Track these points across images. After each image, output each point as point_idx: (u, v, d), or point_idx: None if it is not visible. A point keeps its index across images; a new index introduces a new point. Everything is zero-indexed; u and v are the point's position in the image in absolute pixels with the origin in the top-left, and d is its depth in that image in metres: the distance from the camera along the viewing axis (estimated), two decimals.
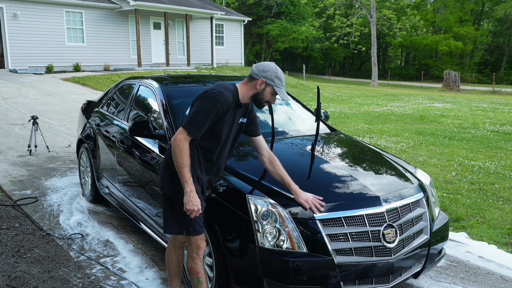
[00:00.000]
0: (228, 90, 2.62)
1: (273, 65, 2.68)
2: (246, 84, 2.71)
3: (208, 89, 2.62)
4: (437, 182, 6.24)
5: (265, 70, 2.64)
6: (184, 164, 2.57)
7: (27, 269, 3.64)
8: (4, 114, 10.57)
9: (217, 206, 2.93)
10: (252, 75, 2.68)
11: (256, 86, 2.67)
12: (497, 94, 26.30)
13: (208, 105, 2.55)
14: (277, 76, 2.65)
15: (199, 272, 2.81)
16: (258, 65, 2.68)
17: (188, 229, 2.73)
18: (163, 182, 2.77)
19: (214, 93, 2.57)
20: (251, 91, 2.69)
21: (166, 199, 2.80)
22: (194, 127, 2.55)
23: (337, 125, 11.47)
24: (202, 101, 2.57)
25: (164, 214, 2.83)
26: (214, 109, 2.55)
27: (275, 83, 2.65)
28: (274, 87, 2.66)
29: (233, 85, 2.69)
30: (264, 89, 2.67)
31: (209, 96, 2.56)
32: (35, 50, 17.59)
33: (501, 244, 4.29)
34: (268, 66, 2.66)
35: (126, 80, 5.07)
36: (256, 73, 2.66)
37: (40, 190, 5.69)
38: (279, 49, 47.91)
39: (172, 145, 2.59)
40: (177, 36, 23.04)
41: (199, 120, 2.55)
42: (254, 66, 2.69)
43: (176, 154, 2.58)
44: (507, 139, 9.73)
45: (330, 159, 3.46)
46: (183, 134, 2.56)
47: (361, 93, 25.00)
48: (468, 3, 47.00)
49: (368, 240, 2.76)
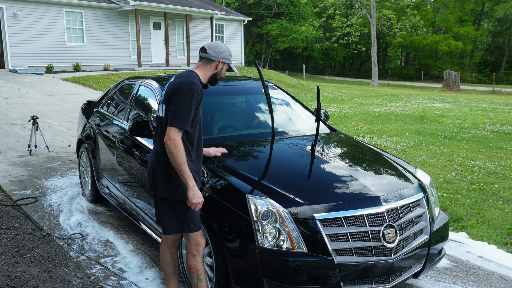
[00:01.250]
0: (194, 77, 2.74)
1: (223, 44, 2.88)
2: (204, 67, 2.85)
3: (178, 83, 2.70)
4: (437, 182, 6.24)
5: (222, 51, 2.84)
6: (183, 161, 2.63)
7: (27, 269, 3.64)
8: (4, 114, 10.57)
9: (217, 206, 2.93)
10: (210, 58, 2.83)
11: (216, 67, 2.85)
12: (497, 94, 26.30)
13: (186, 97, 2.64)
14: (230, 54, 2.91)
15: (199, 269, 2.83)
16: (213, 47, 2.83)
17: (189, 225, 2.77)
18: (158, 185, 2.79)
19: (187, 84, 2.67)
20: (210, 73, 2.87)
21: (164, 202, 2.82)
22: (182, 121, 2.62)
23: (337, 125, 11.47)
24: (180, 96, 2.65)
25: (163, 216, 2.85)
26: (193, 99, 2.66)
27: (230, 61, 2.91)
28: (230, 65, 2.91)
29: (193, 72, 2.81)
30: (221, 68, 2.88)
31: (185, 89, 2.65)
32: (35, 50, 17.59)
33: (501, 244, 4.29)
34: (222, 46, 2.86)
35: (126, 80, 5.07)
36: (214, 55, 2.82)
37: (40, 190, 5.69)
38: (279, 49, 47.92)
39: (168, 146, 2.62)
40: (177, 36, 23.04)
41: (184, 113, 2.63)
42: (208, 49, 2.82)
43: (173, 153, 2.61)
44: (507, 139, 9.73)
45: (330, 159, 3.46)
46: (175, 132, 2.62)
47: (361, 93, 25.00)
48: (468, 3, 47.00)
49: (368, 240, 2.76)
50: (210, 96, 4.09)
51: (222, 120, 4.09)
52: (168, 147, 2.62)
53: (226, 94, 4.38)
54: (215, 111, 4.08)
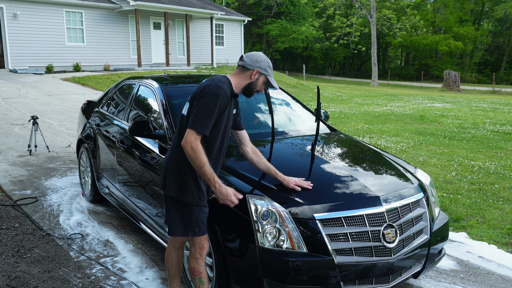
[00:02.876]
0: (223, 83, 2.65)
1: (264, 55, 2.78)
2: (238, 75, 2.76)
3: (204, 86, 2.63)
4: (437, 182, 6.24)
5: (259, 60, 2.72)
6: (203, 162, 2.55)
7: (27, 269, 3.64)
8: (4, 114, 10.57)
9: (217, 206, 2.93)
10: (245, 66, 2.73)
11: (250, 76, 2.73)
12: (497, 94, 26.30)
13: (210, 101, 2.56)
14: (269, 66, 2.77)
15: (202, 273, 2.80)
16: (250, 55, 2.74)
17: (194, 229, 2.73)
18: (168, 184, 2.74)
19: (213, 88, 2.58)
20: (244, 82, 2.76)
21: (171, 201, 2.78)
22: (201, 125, 2.55)
23: (337, 125, 11.47)
24: (204, 99, 2.57)
25: (168, 216, 2.81)
26: (217, 104, 2.57)
27: (268, 73, 2.75)
28: (267, 76, 2.76)
29: (226, 77, 2.73)
30: (257, 79, 2.75)
31: (209, 92, 2.57)
32: (35, 50, 17.58)
33: (501, 244, 4.29)
34: (261, 56, 2.75)
35: (126, 80, 5.07)
36: (250, 63, 2.72)
37: (40, 190, 5.69)
38: (279, 49, 47.90)
39: (185, 149, 2.55)
40: (177, 36, 23.04)
41: (205, 117, 2.55)
42: (246, 57, 2.74)
43: (192, 156, 2.55)
44: (507, 139, 9.73)
45: (330, 159, 3.46)
46: (193, 134, 2.54)
47: (361, 93, 25.01)
48: (468, 3, 46.99)
49: (368, 240, 2.76)
50: None
51: None
52: (185, 150, 2.56)
53: None
54: None
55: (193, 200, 2.70)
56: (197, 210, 2.72)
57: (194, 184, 2.70)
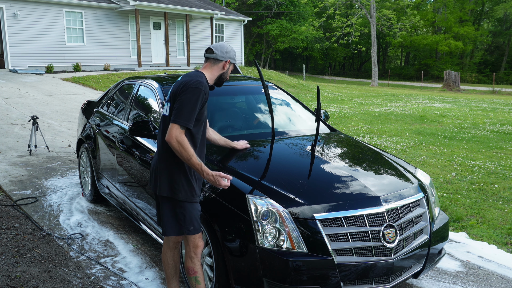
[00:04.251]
0: (201, 77, 2.76)
1: (228, 44, 2.92)
2: (211, 68, 2.88)
3: (185, 82, 2.70)
4: (437, 182, 6.24)
5: (228, 51, 2.87)
6: (191, 154, 2.62)
7: (27, 269, 3.64)
8: (4, 114, 10.56)
9: (217, 206, 2.93)
10: (217, 58, 2.85)
11: (223, 67, 2.88)
12: (497, 94, 26.30)
13: (192, 95, 2.65)
14: (235, 54, 2.95)
15: (197, 272, 2.81)
16: (219, 47, 2.87)
17: (189, 228, 2.75)
18: (160, 185, 2.77)
19: (194, 83, 2.68)
20: (217, 73, 2.89)
21: (164, 201, 2.81)
22: (185, 119, 2.62)
23: (337, 125, 11.47)
24: (186, 94, 2.65)
25: (163, 217, 2.83)
26: (199, 98, 2.66)
27: (235, 61, 2.94)
28: (235, 65, 2.95)
29: (201, 72, 2.83)
30: (228, 69, 2.91)
31: (191, 87, 2.66)
32: (35, 50, 17.59)
33: (501, 244, 4.29)
34: (228, 46, 2.90)
35: (126, 80, 5.07)
36: (221, 55, 2.85)
37: (40, 190, 5.69)
38: (279, 49, 47.91)
39: (171, 144, 2.61)
40: (177, 36, 23.04)
41: (188, 111, 2.63)
42: (215, 49, 2.86)
43: (178, 150, 2.61)
44: (507, 139, 9.73)
45: (330, 159, 3.46)
46: (177, 129, 2.61)
47: (361, 93, 25.00)
48: (468, 3, 46.99)
49: (368, 240, 2.76)
50: (210, 96, 4.08)
51: (222, 120, 4.09)
52: (171, 145, 2.62)
53: (226, 94, 4.38)
54: (215, 111, 4.08)
55: (186, 197, 2.73)
56: (190, 207, 2.75)
57: (185, 181, 2.74)
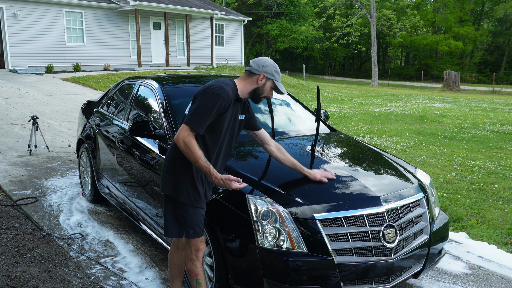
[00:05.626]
0: (228, 85, 2.63)
1: (271, 60, 2.76)
2: (245, 80, 2.73)
3: (208, 85, 2.61)
4: (437, 182, 6.24)
5: (265, 65, 2.70)
6: (198, 156, 2.53)
7: (27, 269, 3.64)
8: (4, 114, 10.56)
9: (217, 206, 2.93)
10: (251, 71, 2.71)
11: (257, 81, 2.71)
12: (497, 94, 26.30)
13: (210, 100, 2.54)
14: (276, 70, 2.73)
15: (198, 274, 2.80)
16: (257, 60, 2.73)
17: (189, 231, 2.72)
18: (164, 183, 2.74)
19: (215, 88, 2.56)
20: (251, 87, 2.73)
21: (168, 201, 2.78)
22: (196, 122, 2.52)
23: (337, 125, 11.47)
24: (204, 97, 2.56)
25: (165, 216, 2.81)
26: (216, 104, 2.54)
27: (275, 78, 2.72)
28: (274, 81, 2.73)
29: (232, 81, 2.71)
30: (264, 84, 2.72)
31: (211, 92, 2.55)
32: (35, 50, 17.59)
33: (501, 244, 4.29)
34: (267, 61, 2.73)
35: (126, 80, 5.07)
36: (256, 68, 2.70)
37: (40, 190, 5.69)
38: (279, 49, 47.90)
39: (179, 144, 2.54)
40: (177, 36, 23.04)
41: (201, 115, 2.53)
42: (252, 62, 2.73)
43: (186, 151, 2.53)
44: (507, 139, 9.73)
45: (330, 159, 3.46)
46: (186, 130, 2.53)
47: (361, 93, 25.01)
48: (468, 3, 46.99)
49: (368, 240, 2.76)
50: None
51: None
52: (179, 145, 2.55)
53: None
54: None
55: (188, 200, 2.68)
56: (192, 211, 2.70)
57: (191, 184, 2.68)
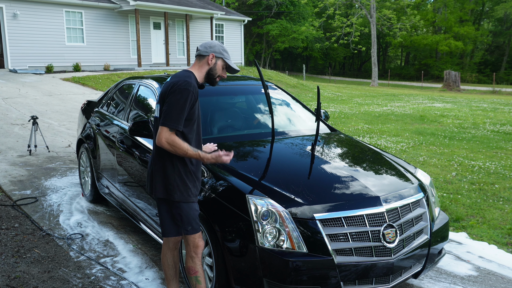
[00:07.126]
0: (190, 77, 2.71)
1: (217, 41, 2.85)
2: (198, 65, 2.82)
3: (172, 83, 2.66)
4: (437, 182, 6.24)
5: (212, 45, 2.79)
6: (186, 149, 2.62)
7: (27, 269, 3.63)
8: (4, 114, 10.56)
9: (217, 206, 2.93)
10: (201, 54, 2.80)
11: (207, 62, 2.78)
12: (497, 94, 26.30)
13: (180, 97, 2.61)
14: (223, 49, 2.81)
15: (198, 271, 2.81)
16: (204, 43, 2.83)
17: (187, 228, 2.75)
18: (155, 187, 2.78)
19: (182, 84, 2.63)
20: (204, 69, 2.80)
21: (161, 203, 2.82)
22: (174, 121, 2.60)
23: (337, 125, 11.47)
24: (174, 95, 2.62)
25: (161, 218, 2.85)
26: (187, 99, 2.62)
27: (224, 56, 2.80)
28: (224, 59, 2.80)
29: (189, 71, 2.78)
30: (215, 63, 2.80)
31: (179, 89, 2.62)
32: (35, 50, 17.58)
33: (501, 244, 4.29)
34: (214, 42, 2.83)
35: (126, 80, 5.07)
36: (204, 50, 2.79)
37: (40, 190, 5.69)
38: (279, 49, 47.89)
39: (163, 146, 2.61)
40: (177, 36, 23.04)
41: (176, 113, 2.60)
42: (200, 46, 2.83)
43: (173, 150, 2.62)
44: (507, 139, 9.72)
45: (330, 159, 3.46)
46: (166, 131, 2.60)
47: (361, 93, 25.00)
48: (468, 3, 46.98)
49: (368, 240, 2.76)
50: (210, 96, 4.09)
51: (222, 120, 4.09)
52: (163, 147, 2.62)
53: (226, 94, 4.38)
54: (215, 111, 4.08)
55: (181, 197, 2.72)
56: (186, 208, 2.74)
57: (180, 181, 2.73)
